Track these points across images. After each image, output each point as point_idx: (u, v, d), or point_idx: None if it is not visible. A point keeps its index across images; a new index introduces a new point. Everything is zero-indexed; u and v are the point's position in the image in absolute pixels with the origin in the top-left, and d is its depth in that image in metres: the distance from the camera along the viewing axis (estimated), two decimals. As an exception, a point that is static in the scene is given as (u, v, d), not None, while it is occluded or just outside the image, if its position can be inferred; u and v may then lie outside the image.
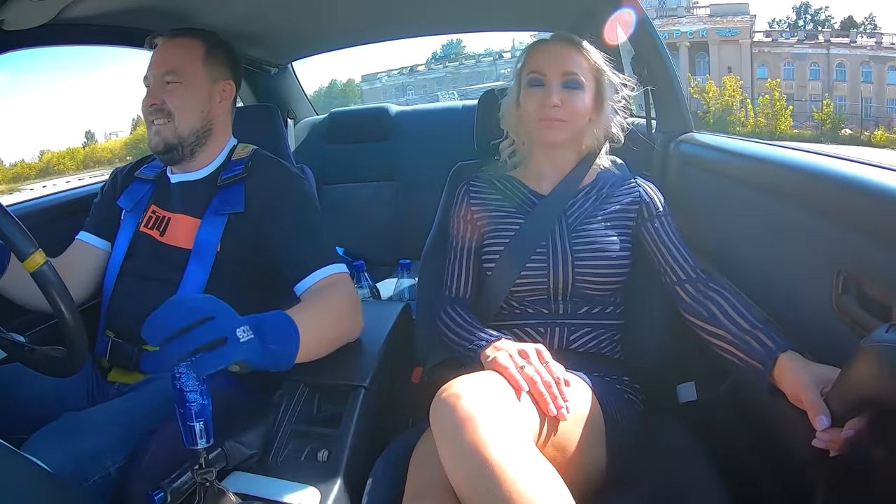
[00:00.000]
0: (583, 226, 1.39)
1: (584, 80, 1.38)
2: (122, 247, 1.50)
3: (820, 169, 1.12)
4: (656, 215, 1.40)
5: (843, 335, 1.01)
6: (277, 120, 1.95)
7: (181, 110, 1.48)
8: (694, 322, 1.27)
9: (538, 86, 1.39)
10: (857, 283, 1.00)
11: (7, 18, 1.37)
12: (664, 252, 1.36)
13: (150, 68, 1.49)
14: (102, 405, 1.29)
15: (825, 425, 0.89)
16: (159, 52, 1.50)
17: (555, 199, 1.43)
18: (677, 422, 1.32)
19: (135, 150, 39.94)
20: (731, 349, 1.17)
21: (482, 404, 0.95)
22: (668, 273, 1.35)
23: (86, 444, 1.11)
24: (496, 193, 1.49)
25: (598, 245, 1.36)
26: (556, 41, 1.43)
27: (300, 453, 1.20)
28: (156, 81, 1.48)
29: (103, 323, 1.47)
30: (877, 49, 33.13)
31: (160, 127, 1.47)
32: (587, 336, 1.36)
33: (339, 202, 2.74)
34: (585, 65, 1.40)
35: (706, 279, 1.31)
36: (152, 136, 1.48)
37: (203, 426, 0.92)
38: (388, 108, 2.90)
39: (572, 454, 1.07)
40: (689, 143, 1.67)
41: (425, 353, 1.45)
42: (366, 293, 2.06)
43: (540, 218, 1.41)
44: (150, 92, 1.48)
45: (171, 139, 1.48)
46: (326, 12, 2.08)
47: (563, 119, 1.37)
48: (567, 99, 1.37)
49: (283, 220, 1.44)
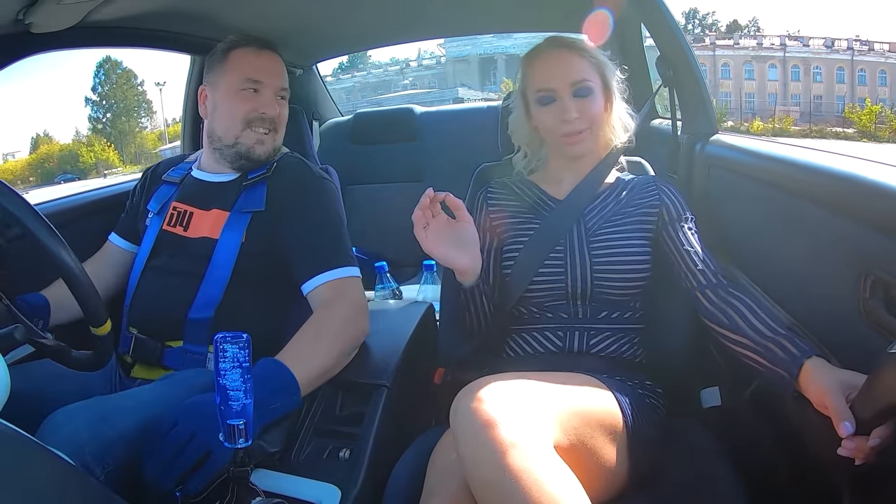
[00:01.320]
0: (602, 230, 1.38)
1: (591, 82, 1.37)
2: (148, 246, 1.53)
3: (847, 172, 1.10)
4: (677, 219, 1.38)
5: (870, 340, 1.00)
6: (303, 121, 1.96)
7: (284, 126, 1.58)
8: (715, 329, 1.25)
9: (550, 102, 1.38)
10: (885, 288, 0.99)
11: (35, 21, 1.40)
12: (684, 257, 1.33)
13: (263, 75, 1.52)
14: (134, 390, 1.32)
15: (850, 432, 0.88)
16: (275, 65, 1.55)
17: (572, 201, 1.42)
18: (700, 426, 1.31)
19: (39, 169, 39.59)
20: (753, 356, 1.15)
21: (503, 408, 0.94)
22: (688, 278, 1.32)
23: (115, 427, 1.12)
24: (514, 199, 1.48)
25: (617, 250, 1.34)
26: (552, 49, 1.41)
27: (322, 451, 1.21)
28: (272, 93, 1.53)
29: (126, 320, 1.49)
30: (758, 49, 35.97)
31: (265, 137, 1.53)
32: (608, 340, 1.34)
33: (363, 203, 2.75)
34: (588, 66, 1.38)
35: (727, 285, 1.28)
36: (254, 145, 1.52)
37: (244, 425, 0.93)
38: (413, 109, 2.90)
39: (593, 459, 1.06)
40: (715, 145, 1.65)
41: (448, 354, 1.45)
42: (387, 295, 2.06)
43: (556, 221, 1.40)
44: (267, 102, 1.52)
45: (271, 151, 1.55)
46: (351, 13, 2.10)
47: (583, 129, 1.37)
48: (583, 108, 1.36)
49: (298, 219, 1.46)
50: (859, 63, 35.64)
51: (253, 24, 1.89)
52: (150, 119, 45.16)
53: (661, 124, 2.06)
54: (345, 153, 2.77)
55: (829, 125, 33.73)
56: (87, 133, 43.85)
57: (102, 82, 43.38)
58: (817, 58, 35.74)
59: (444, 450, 1.11)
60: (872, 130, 32.66)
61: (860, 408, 0.87)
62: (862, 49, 35.73)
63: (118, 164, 41.19)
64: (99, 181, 31.02)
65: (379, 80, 41.93)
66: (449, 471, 1.04)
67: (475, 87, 37.42)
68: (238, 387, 0.93)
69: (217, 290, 1.43)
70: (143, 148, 43.27)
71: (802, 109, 35.18)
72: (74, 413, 1.12)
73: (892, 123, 33.23)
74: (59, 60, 10.71)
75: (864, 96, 34.63)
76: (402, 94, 37.47)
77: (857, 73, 35.58)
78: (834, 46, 35.88)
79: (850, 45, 35.79)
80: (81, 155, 40.58)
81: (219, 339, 0.92)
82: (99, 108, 43.60)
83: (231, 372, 0.92)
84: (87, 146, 41.30)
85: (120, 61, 43.40)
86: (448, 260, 1.24)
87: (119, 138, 42.56)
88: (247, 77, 1.50)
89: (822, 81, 35.73)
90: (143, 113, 44.55)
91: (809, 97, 35.49)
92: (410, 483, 1.14)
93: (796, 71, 36.00)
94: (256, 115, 1.50)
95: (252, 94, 1.50)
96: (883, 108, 33.77)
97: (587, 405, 1.09)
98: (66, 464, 0.85)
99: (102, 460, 1.07)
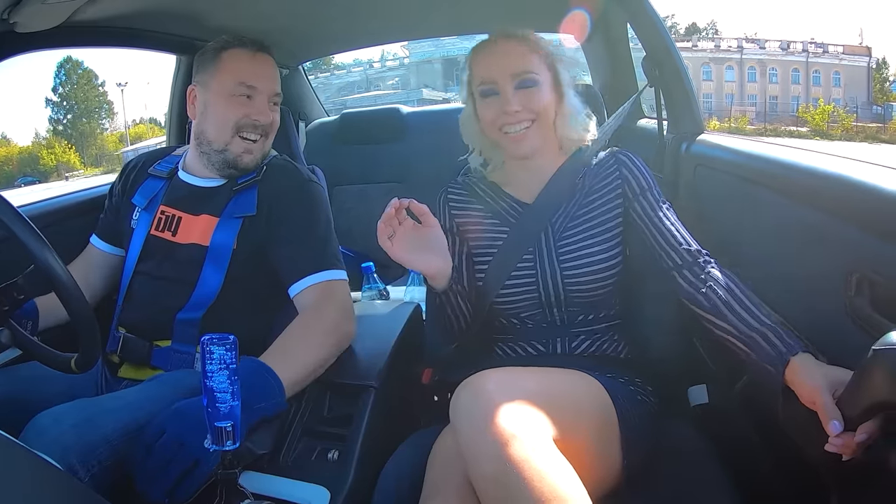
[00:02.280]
0: (568, 231, 1.34)
1: (537, 74, 1.32)
2: (136, 250, 1.50)
3: (834, 171, 1.11)
4: (640, 192, 1.34)
5: (856, 337, 1.01)
6: (289, 121, 1.96)
7: (275, 132, 1.54)
8: (695, 311, 1.22)
9: (493, 94, 1.33)
10: (871, 286, 0.99)
11: (20, 21, 1.37)
12: (655, 233, 1.30)
13: (258, 80, 1.48)
14: (120, 391, 1.30)
15: (838, 430, 0.88)
16: (270, 70, 1.51)
17: (539, 209, 1.38)
18: (689, 424, 1.32)
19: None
20: (739, 345, 1.13)
21: (502, 400, 0.95)
22: (663, 258, 1.28)
23: (100, 428, 1.11)
24: (477, 201, 1.44)
25: (586, 250, 1.32)
26: (498, 41, 1.36)
27: (311, 453, 1.21)
28: (266, 100, 1.49)
29: (116, 320, 1.48)
30: (716, 51, 38.40)
31: (254, 146, 1.49)
32: (589, 341, 1.34)
33: (350, 203, 2.74)
34: (535, 58, 1.32)
35: (707, 262, 1.25)
36: (242, 154, 1.48)
37: (231, 428, 0.93)
38: (400, 109, 2.89)
39: (588, 452, 1.06)
40: (701, 145, 1.66)
41: (436, 354, 1.45)
42: (374, 295, 2.05)
43: (524, 231, 1.36)
44: (260, 109, 1.48)
45: (260, 158, 1.52)
46: (338, 13, 2.09)
47: (526, 121, 1.31)
48: (526, 100, 1.30)
49: (286, 222, 1.45)
50: (814, 65, 37.74)
51: (239, 24, 1.88)
52: (111, 120, 45.08)
53: (647, 124, 2.07)
54: (331, 153, 2.76)
55: (784, 124, 35.35)
56: (48, 135, 43.77)
57: (63, 83, 43.19)
58: (773, 59, 37.86)
59: (444, 446, 1.11)
60: (825, 129, 34.13)
61: (847, 405, 0.88)
62: (817, 51, 37.90)
63: (79, 166, 40.98)
64: (60, 184, 30.55)
65: (343, 81, 42.01)
66: (450, 466, 1.04)
67: (439, 88, 37.76)
68: (225, 389, 0.92)
69: (209, 295, 1.42)
70: (104, 150, 43.12)
71: (758, 109, 37.17)
72: (60, 415, 1.11)
73: (843, 122, 34.98)
74: (17, 59, 10.54)
75: (818, 96, 36.42)
76: (366, 94, 37.60)
77: (811, 75, 37.67)
78: (790, 49, 38.01)
79: (805, 48, 37.88)
80: (42, 157, 40.38)
81: (205, 341, 0.91)
82: (59, 110, 43.45)
83: (218, 374, 0.92)
84: (47, 148, 41.22)
85: (81, 61, 43.24)
86: (416, 265, 1.21)
87: (80, 140, 42.40)
88: (240, 81, 1.46)
89: (777, 82, 37.77)
90: (105, 114, 44.46)
91: (765, 97, 37.54)
92: (400, 483, 1.14)
93: (752, 72, 38.04)
94: (248, 121, 1.47)
95: (245, 100, 1.46)
96: (835, 108, 35.54)
97: (581, 399, 1.10)
98: (50, 466, 0.84)
99: (87, 463, 1.06)
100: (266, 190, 1.49)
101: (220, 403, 0.92)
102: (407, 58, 41.29)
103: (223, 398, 0.92)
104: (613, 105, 1.90)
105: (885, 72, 40.12)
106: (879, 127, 34.68)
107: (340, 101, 35.56)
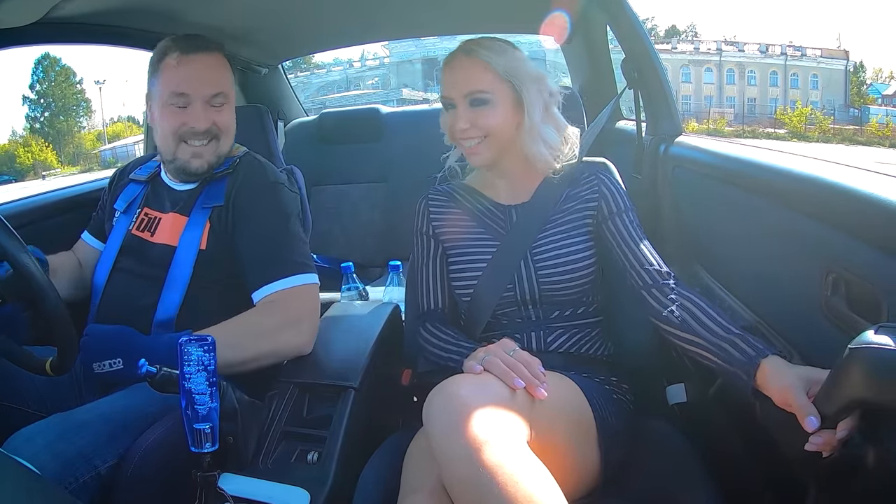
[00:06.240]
0: (542, 233, 1.35)
1: (490, 93, 1.30)
2: (114, 247, 1.50)
3: (808, 172, 1.13)
4: (617, 213, 1.34)
5: (832, 336, 1.02)
6: (268, 121, 1.94)
7: (228, 131, 1.49)
8: (666, 330, 1.22)
9: (451, 108, 1.34)
10: (847, 285, 1.01)
11: None
12: (626, 253, 1.31)
13: (188, 86, 1.42)
14: (92, 403, 1.28)
15: (815, 426, 0.89)
16: (203, 71, 1.44)
17: (525, 225, 1.37)
18: (668, 423, 1.32)
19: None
20: (708, 356, 1.13)
21: (476, 405, 0.95)
22: (633, 277, 1.29)
23: (74, 444, 1.10)
24: (457, 207, 1.45)
25: (560, 251, 1.33)
26: (458, 56, 1.35)
27: (290, 455, 1.20)
28: (201, 104, 1.43)
29: (93, 318, 1.46)
30: (695, 54, 39.08)
31: (200, 149, 1.45)
32: (564, 337, 1.34)
33: (329, 203, 2.73)
34: (490, 76, 1.30)
35: (675, 283, 1.25)
36: (190, 159, 1.45)
37: (210, 430, 0.92)
38: (379, 109, 2.89)
39: (565, 455, 1.06)
40: (679, 146, 1.67)
41: (415, 355, 1.45)
42: (353, 296, 2.05)
43: (509, 251, 1.35)
44: (196, 114, 1.43)
45: (214, 160, 1.48)
46: (318, 12, 2.08)
47: (477, 137, 1.32)
48: (476, 118, 1.30)
49: (252, 225, 1.43)
50: (792, 67, 38.41)
51: (217, 22, 1.87)
52: (88, 118, 44.33)
53: (626, 125, 2.08)
54: (310, 153, 2.74)
55: (762, 126, 35.91)
56: (24, 133, 42.99)
57: (41, 80, 42.49)
58: (752, 62, 38.53)
59: (419, 448, 1.10)
60: (802, 131, 34.70)
61: (823, 403, 0.89)
62: (795, 54, 38.56)
63: (56, 164, 40.39)
64: (37, 183, 30.19)
65: (323, 80, 41.85)
66: (425, 468, 1.04)
67: (419, 88, 37.87)
68: (203, 391, 0.92)
69: (177, 294, 1.40)
70: (82, 148, 42.51)
71: (737, 111, 37.80)
72: (32, 435, 1.10)
73: (821, 125, 35.53)
74: (-7, 56, 10.25)
75: (796, 99, 37.11)
76: (346, 94, 37.51)
77: (789, 77, 38.32)
78: (768, 51, 38.72)
79: (783, 51, 38.61)
80: (18, 156, 39.69)
81: (183, 342, 0.91)
82: (37, 107, 42.72)
83: (196, 375, 0.91)
84: (23, 146, 40.45)
85: (59, 58, 42.48)
86: None
87: (57, 138, 41.74)
88: (171, 91, 1.42)
89: (756, 84, 38.36)
90: (83, 112, 43.68)
91: (744, 99, 38.13)
92: (379, 485, 1.14)
93: (731, 74, 38.62)
94: (187, 129, 1.43)
95: (178, 110, 1.42)
96: (813, 110, 36.14)
97: (557, 401, 1.10)
98: (34, 474, 0.84)
99: (65, 480, 1.06)
100: (234, 183, 1.48)
101: (199, 406, 0.91)
102: (387, 57, 41.14)
103: (202, 400, 0.92)
104: (592, 106, 1.91)
105: (862, 75, 40.95)
106: (856, 129, 35.24)
107: (320, 100, 35.46)
